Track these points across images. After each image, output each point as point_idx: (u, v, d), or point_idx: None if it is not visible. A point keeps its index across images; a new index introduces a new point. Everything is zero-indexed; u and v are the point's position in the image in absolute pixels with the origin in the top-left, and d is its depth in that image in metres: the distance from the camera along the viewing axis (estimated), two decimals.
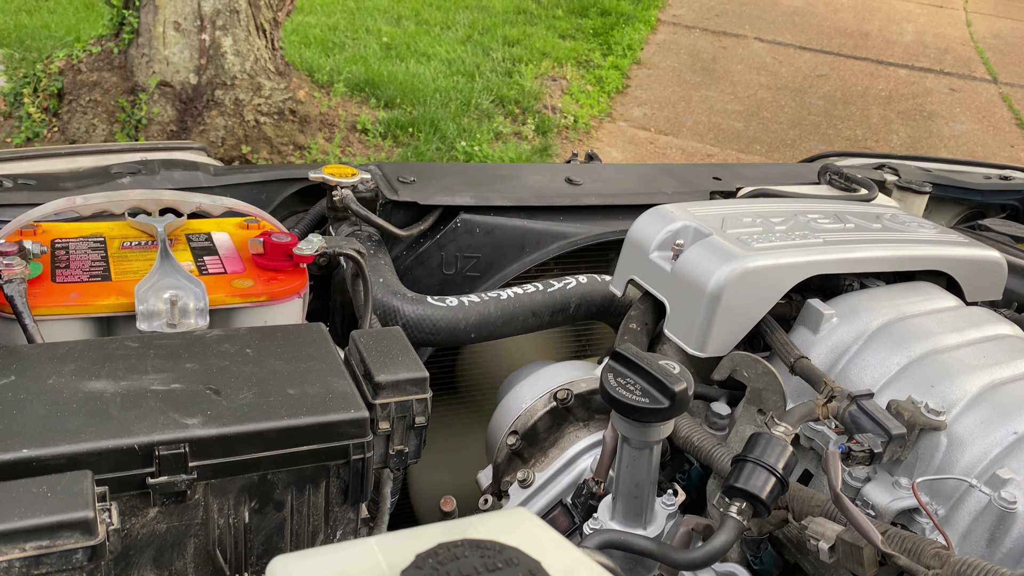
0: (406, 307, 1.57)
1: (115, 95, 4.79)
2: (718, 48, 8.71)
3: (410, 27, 7.73)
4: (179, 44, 4.78)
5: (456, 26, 7.92)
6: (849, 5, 10.71)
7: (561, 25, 8.40)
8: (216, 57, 4.84)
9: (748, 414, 1.30)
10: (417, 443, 1.14)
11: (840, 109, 7.51)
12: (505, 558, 0.59)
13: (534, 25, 8.28)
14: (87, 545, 0.80)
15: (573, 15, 8.80)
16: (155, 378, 1.03)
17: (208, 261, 1.41)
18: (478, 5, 8.70)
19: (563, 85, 6.99)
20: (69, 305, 1.24)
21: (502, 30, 7.90)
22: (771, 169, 2.28)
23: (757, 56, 8.59)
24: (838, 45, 9.17)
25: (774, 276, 1.32)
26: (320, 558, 0.64)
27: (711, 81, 7.83)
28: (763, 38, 9.07)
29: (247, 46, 4.92)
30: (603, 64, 7.60)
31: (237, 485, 1.01)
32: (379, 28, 7.54)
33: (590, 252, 1.95)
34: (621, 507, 1.18)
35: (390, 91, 6.09)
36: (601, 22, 8.65)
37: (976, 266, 1.51)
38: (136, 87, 4.83)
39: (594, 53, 7.84)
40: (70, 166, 1.77)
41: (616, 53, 7.90)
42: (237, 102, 4.84)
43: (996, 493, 1.05)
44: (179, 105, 4.85)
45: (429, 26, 7.83)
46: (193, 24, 4.73)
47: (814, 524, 1.07)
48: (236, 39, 4.87)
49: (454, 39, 7.54)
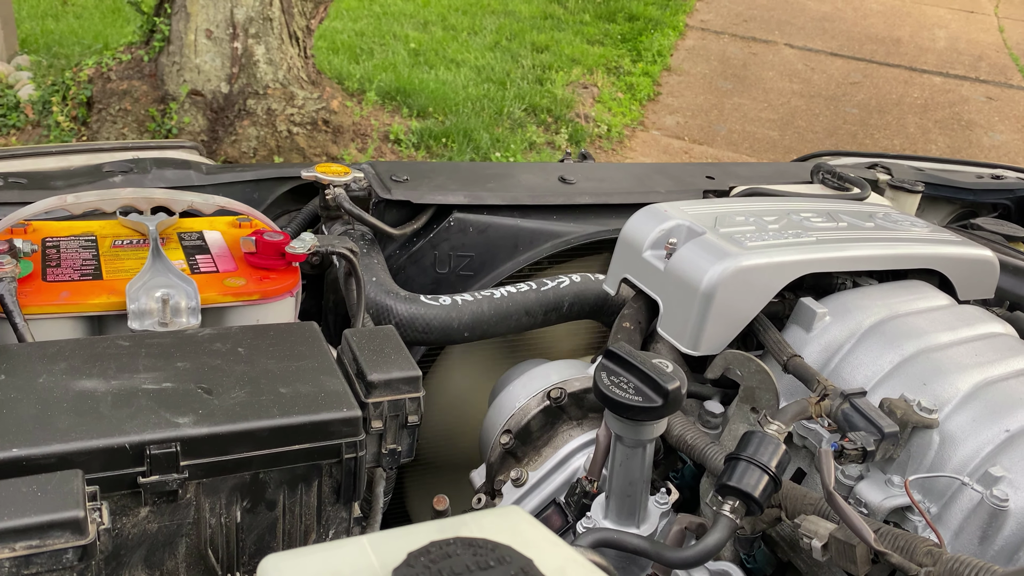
0: (399, 306, 1.57)
1: (145, 104, 4.71)
2: (748, 54, 8.56)
3: (437, 33, 7.65)
4: (211, 52, 4.69)
5: (483, 31, 7.83)
6: (878, 11, 10.54)
7: (589, 31, 8.28)
8: (248, 66, 4.74)
9: (741, 412, 1.30)
10: (410, 442, 1.14)
11: (876, 118, 7.36)
12: (497, 556, 0.59)
13: (561, 31, 8.17)
14: (77, 545, 0.80)
15: (601, 20, 8.68)
16: (146, 377, 1.03)
17: (200, 260, 1.40)
18: (504, 10, 8.60)
19: (594, 93, 6.89)
20: (60, 304, 1.24)
21: (530, 36, 7.80)
22: (764, 168, 2.29)
23: (788, 63, 8.44)
24: (870, 52, 9.00)
25: (767, 275, 1.33)
26: (312, 556, 0.63)
27: (743, 88, 7.68)
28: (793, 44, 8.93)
29: (280, 55, 4.82)
30: (633, 71, 7.48)
31: (229, 484, 1.00)
32: (406, 34, 7.46)
33: (584, 251, 1.94)
34: (614, 506, 1.17)
35: (421, 100, 6.01)
36: (629, 27, 8.53)
37: (968, 265, 1.51)
38: (166, 96, 4.75)
39: (624, 59, 7.73)
40: (61, 164, 1.77)
41: (646, 59, 7.78)
42: (270, 112, 4.75)
43: (988, 491, 1.05)
44: (210, 114, 4.77)
45: (456, 32, 7.74)
46: (225, 32, 4.65)
47: (807, 522, 1.07)
48: (269, 47, 4.77)
49: (482, 45, 7.45)
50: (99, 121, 4.75)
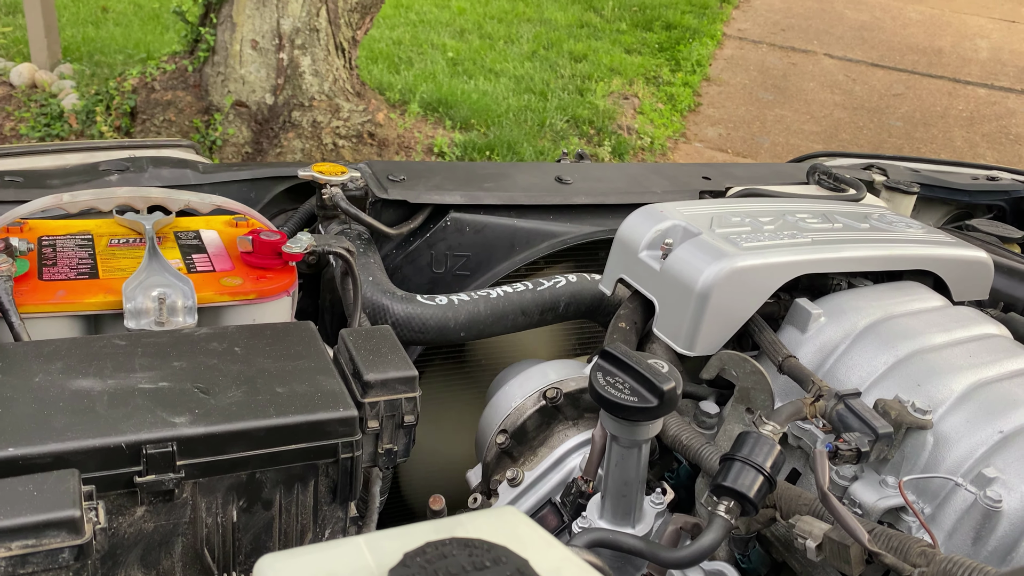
0: (396, 306, 1.57)
1: (189, 115, 4.65)
2: (788, 64, 8.38)
3: (474, 41, 7.55)
4: (256, 63, 4.61)
5: (520, 40, 7.73)
6: (918, 20, 10.29)
7: (626, 39, 8.15)
8: (294, 77, 4.66)
9: (736, 413, 1.31)
10: (406, 442, 1.14)
11: (921, 131, 7.17)
12: (493, 557, 0.59)
13: (598, 39, 8.05)
14: (73, 544, 0.80)
15: (637, 29, 8.54)
16: (143, 376, 1.03)
17: (196, 259, 1.40)
18: (539, 18, 8.49)
19: (635, 103, 6.77)
20: (56, 303, 1.24)
21: (567, 45, 7.69)
22: (760, 169, 2.29)
23: (829, 73, 8.24)
24: (911, 62, 8.75)
25: (762, 275, 1.33)
26: (308, 557, 0.64)
27: (784, 99, 7.51)
28: (833, 54, 8.72)
29: (326, 66, 4.74)
30: (673, 81, 7.34)
31: (225, 484, 1.00)
32: (443, 42, 7.36)
33: (580, 251, 1.95)
34: (610, 506, 1.18)
35: (463, 111, 5.93)
36: (666, 36, 8.38)
37: (963, 266, 1.52)
38: (211, 107, 4.68)
39: (662, 69, 7.59)
40: (58, 163, 1.76)
41: (685, 69, 7.65)
42: (315, 124, 4.68)
43: (982, 492, 1.06)
44: (254, 126, 4.71)
45: (493, 40, 7.64)
46: (271, 43, 4.56)
47: (802, 523, 1.07)
48: (315, 59, 4.69)
49: (519, 54, 7.34)
50: (143, 132, 4.69)
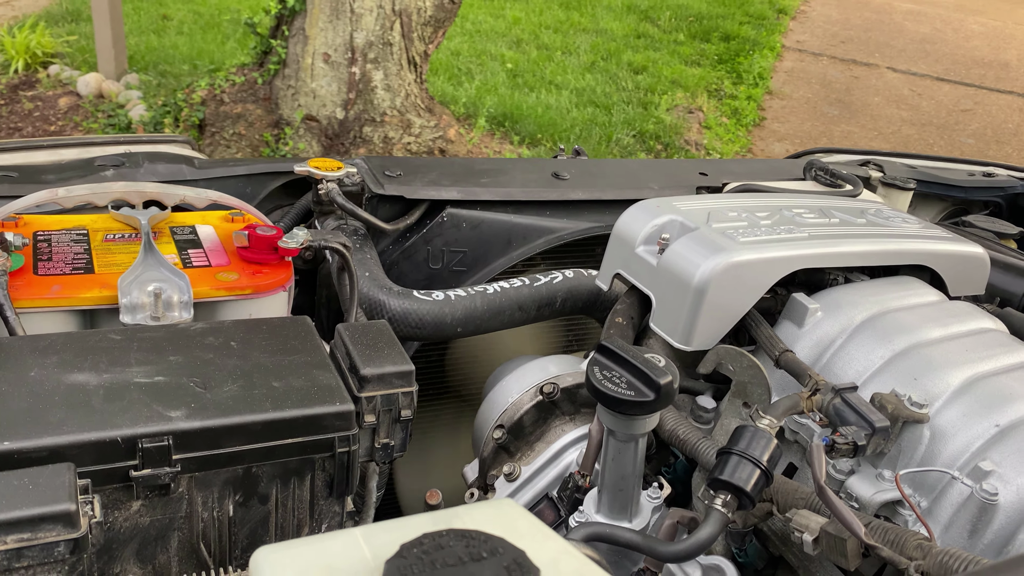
0: (392, 301, 1.57)
1: (260, 129, 4.58)
2: (850, 78, 8.16)
3: (531, 52, 7.43)
4: (327, 76, 4.51)
5: (577, 51, 7.60)
6: (980, 32, 9.99)
7: (684, 51, 7.99)
8: (365, 91, 4.56)
9: (733, 407, 1.31)
10: (403, 436, 1.14)
11: (994, 149, 6.91)
12: (490, 547, 0.59)
13: (657, 50, 7.90)
14: (69, 538, 0.80)
15: (695, 40, 8.39)
16: (138, 371, 1.03)
17: (192, 254, 1.40)
18: (595, 28, 8.36)
19: (700, 118, 6.65)
20: (51, 298, 1.23)
21: (626, 55, 7.56)
22: (757, 164, 2.29)
23: (893, 87, 8.02)
24: (978, 76, 8.50)
25: (759, 270, 1.33)
26: (304, 548, 0.63)
27: (850, 115, 7.31)
28: (896, 68, 8.49)
29: (398, 81, 4.64)
30: (737, 94, 7.20)
31: (221, 478, 1.00)
32: (501, 53, 7.26)
33: (577, 247, 1.95)
34: (607, 500, 1.18)
35: (529, 125, 5.83)
36: (724, 48, 8.22)
37: (959, 261, 1.52)
38: (281, 120, 4.60)
39: (724, 81, 7.45)
40: (53, 158, 1.76)
41: (747, 82, 7.50)
42: (386, 140, 4.61)
43: (978, 485, 1.06)
44: (325, 141, 4.63)
45: (550, 51, 7.52)
46: (344, 56, 4.45)
47: (798, 516, 1.07)
48: (387, 73, 4.59)
49: (578, 65, 7.22)
50: (212, 144, 4.63)
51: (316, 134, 4.60)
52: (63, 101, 5.58)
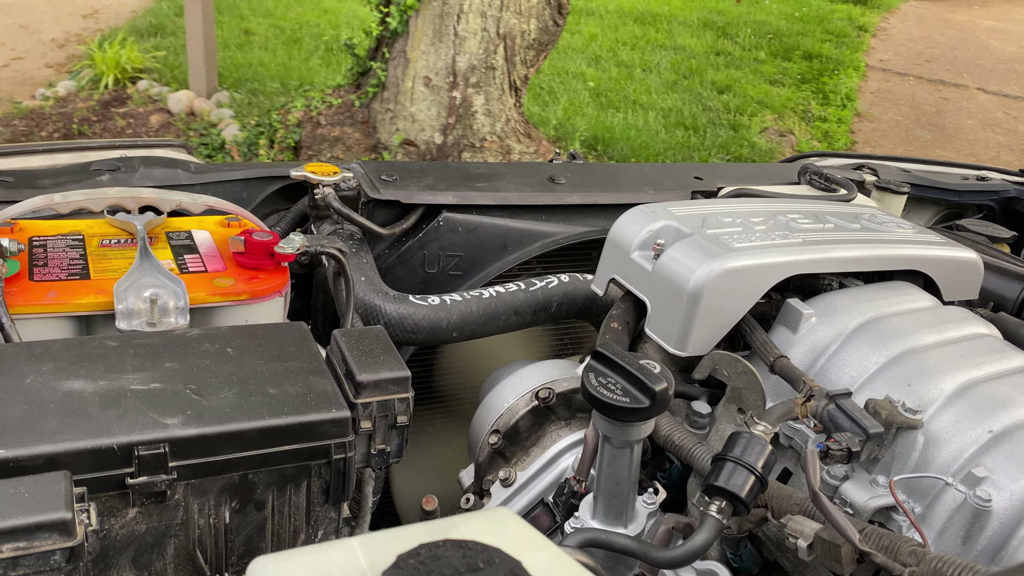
0: (388, 306, 1.57)
1: (357, 152, 4.49)
2: (939, 99, 7.81)
3: (611, 70, 7.29)
4: (427, 100, 4.41)
5: (657, 68, 7.42)
6: None
7: (766, 69, 7.80)
8: (466, 116, 4.46)
9: (728, 413, 1.31)
10: (399, 442, 1.14)
11: None
12: (486, 558, 0.59)
13: (738, 68, 7.72)
14: (65, 546, 0.80)
15: (776, 58, 8.17)
16: (134, 377, 1.03)
17: (188, 259, 1.40)
18: (672, 44, 8.17)
19: (791, 141, 6.49)
20: (47, 304, 1.23)
21: (707, 74, 7.37)
22: (752, 169, 2.30)
23: (985, 110, 7.63)
24: None
25: (754, 276, 1.33)
26: (301, 558, 0.63)
27: (943, 139, 6.98)
28: (987, 88, 8.10)
29: (499, 105, 4.54)
30: (825, 116, 6.98)
31: (218, 485, 1.00)
32: (582, 71, 7.13)
33: (572, 251, 1.95)
34: (602, 506, 1.18)
35: (622, 148, 5.72)
36: (807, 67, 8.00)
37: (953, 266, 1.52)
38: (378, 144, 4.52)
39: (810, 102, 7.24)
40: (48, 163, 1.76)
41: (834, 103, 7.26)
42: None
43: (971, 491, 1.06)
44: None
45: (630, 68, 7.38)
46: (445, 80, 4.35)
47: (793, 522, 1.08)
48: (489, 97, 4.49)
49: (660, 84, 7.05)
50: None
51: (414, 159, 4.53)
52: (154, 119, 5.56)
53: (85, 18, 7.82)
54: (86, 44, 6.59)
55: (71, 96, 5.98)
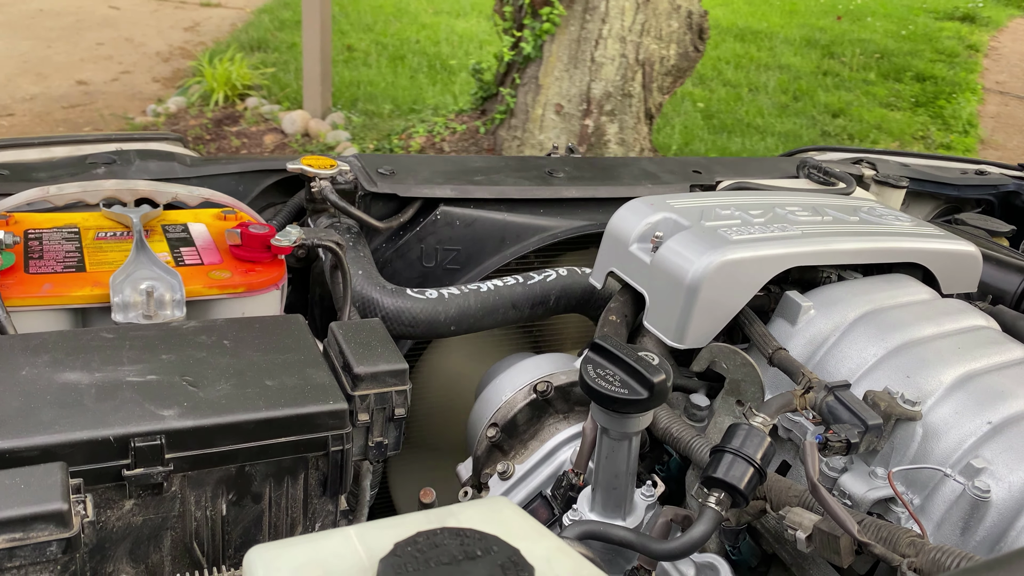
0: (385, 299, 1.57)
1: None
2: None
3: (718, 90, 7.03)
4: (557, 128, 4.27)
5: (765, 89, 7.08)
6: None
7: (878, 92, 7.41)
8: (598, 145, 4.31)
9: (727, 405, 1.31)
10: (396, 435, 1.13)
11: None
12: (484, 546, 0.59)
13: (848, 90, 7.33)
14: (61, 537, 0.79)
15: (887, 79, 7.77)
16: (131, 369, 1.02)
17: (185, 252, 1.39)
18: (776, 63, 7.80)
19: None
20: (43, 296, 1.23)
21: (819, 96, 7.01)
22: (750, 163, 2.30)
23: None
24: None
25: (752, 268, 1.33)
26: (298, 547, 0.63)
27: None
28: None
29: (634, 134, 4.38)
30: (949, 143, 6.56)
31: (214, 477, 1.00)
32: (689, 91, 6.88)
33: (570, 245, 1.95)
34: (600, 498, 1.18)
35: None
36: (919, 89, 7.57)
37: (952, 259, 1.52)
38: None
39: (930, 128, 6.85)
40: (44, 156, 1.75)
41: (955, 129, 6.84)
42: None
43: (970, 482, 1.06)
44: None
45: (736, 88, 7.11)
46: (578, 107, 4.18)
47: (791, 514, 1.07)
48: (623, 126, 4.32)
49: (770, 105, 6.72)
50: None
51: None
52: (268, 139, 5.50)
53: (187, 31, 7.79)
54: (196, 60, 6.54)
55: (182, 112, 5.92)
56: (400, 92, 6.13)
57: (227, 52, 6.41)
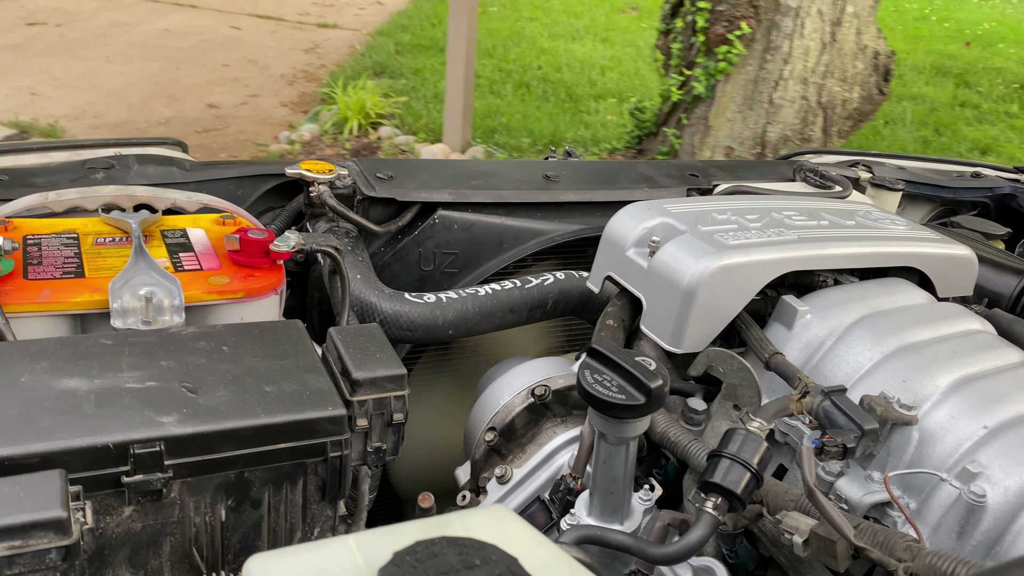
0: (384, 304, 1.57)
1: None
2: None
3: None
4: None
5: (900, 121, 6.68)
6: None
7: (1021, 124, 6.88)
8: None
9: (724, 410, 1.31)
10: (395, 440, 1.14)
11: None
12: (483, 555, 0.59)
13: (990, 124, 6.87)
14: (61, 545, 0.80)
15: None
16: (130, 376, 1.03)
17: (183, 257, 1.40)
18: (907, 93, 7.35)
19: None
20: (42, 302, 1.23)
21: (960, 130, 6.59)
22: (747, 166, 2.30)
23: None
24: None
25: (749, 273, 1.34)
26: (297, 556, 0.64)
27: None
28: None
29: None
30: None
31: (213, 483, 1.00)
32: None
33: (568, 248, 1.95)
34: (598, 502, 1.18)
35: None
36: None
37: (948, 262, 1.53)
38: None
39: None
40: (42, 161, 1.75)
41: None
42: None
43: (966, 487, 1.07)
44: None
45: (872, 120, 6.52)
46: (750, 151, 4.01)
47: (788, 518, 1.08)
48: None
49: (910, 139, 6.31)
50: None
51: None
52: None
53: (307, 52, 7.66)
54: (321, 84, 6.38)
55: (315, 140, 5.76)
56: (533, 123, 5.89)
57: (359, 80, 6.20)
